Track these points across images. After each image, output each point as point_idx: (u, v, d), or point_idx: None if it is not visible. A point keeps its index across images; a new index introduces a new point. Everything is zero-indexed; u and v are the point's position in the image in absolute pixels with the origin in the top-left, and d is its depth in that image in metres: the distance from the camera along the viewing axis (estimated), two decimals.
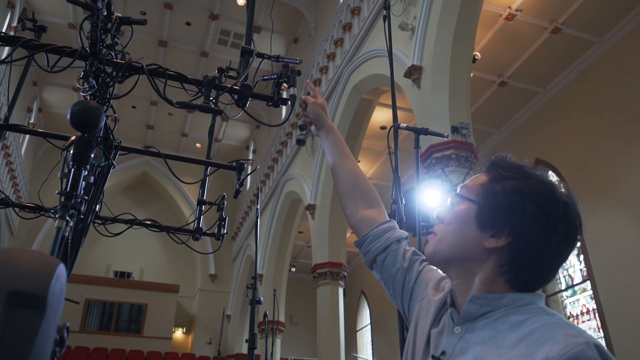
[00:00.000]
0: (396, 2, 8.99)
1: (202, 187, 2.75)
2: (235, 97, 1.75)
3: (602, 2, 9.56)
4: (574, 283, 10.76)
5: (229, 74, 3.44)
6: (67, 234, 1.39)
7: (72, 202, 1.39)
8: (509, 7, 9.75)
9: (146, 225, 2.51)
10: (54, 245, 1.32)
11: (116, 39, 1.63)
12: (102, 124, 1.52)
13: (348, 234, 13.68)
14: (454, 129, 7.64)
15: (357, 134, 11.38)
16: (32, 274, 0.92)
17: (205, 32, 16.16)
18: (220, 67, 3.44)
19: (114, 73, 1.61)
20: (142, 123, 19.57)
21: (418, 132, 2.26)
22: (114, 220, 2.37)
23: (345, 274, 11.51)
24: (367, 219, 1.34)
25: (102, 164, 1.83)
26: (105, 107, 1.73)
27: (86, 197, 1.44)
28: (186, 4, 15.33)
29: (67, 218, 1.37)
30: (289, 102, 1.72)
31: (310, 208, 12.37)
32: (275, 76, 1.81)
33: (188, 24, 15.88)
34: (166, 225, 2.54)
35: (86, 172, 1.48)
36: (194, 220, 2.62)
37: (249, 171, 17.36)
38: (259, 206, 4.29)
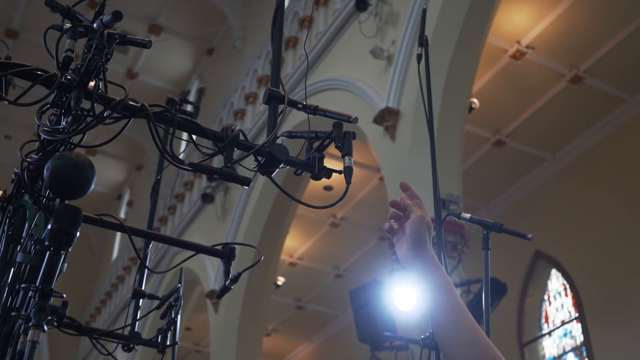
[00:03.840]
0: (368, 18, 9.37)
1: (141, 270, 2.73)
2: (261, 160, 1.79)
3: (637, 52, 10.36)
4: None
5: (181, 107, 3.48)
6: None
7: (50, 302, 1.38)
8: (518, 42, 10.36)
9: (58, 326, 2.44)
10: None
11: (107, 65, 1.65)
12: (92, 187, 1.53)
13: (264, 338, 13.54)
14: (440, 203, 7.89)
15: (293, 194, 11.50)
16: None
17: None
18: (170, 97, 3.48)
19: (104, 113, 1.62)
20: None
21: (489, 228, 2.36)
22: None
23: None
24: None
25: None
26: None
27: (64, 295, 1.43)
28: None
29: (45, 327, 1.35)
30: (345, 177, 1.78)
31: (213, 296, 12.21)
32: (314, 135, 1.87)
33: None
34: (89, 327, 2.48)
35: (64, 256, 1.47)
36: (129, 325, 2.58)
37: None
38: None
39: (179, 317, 2.61)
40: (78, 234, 1.48)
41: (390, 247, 7.91)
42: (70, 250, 1.47)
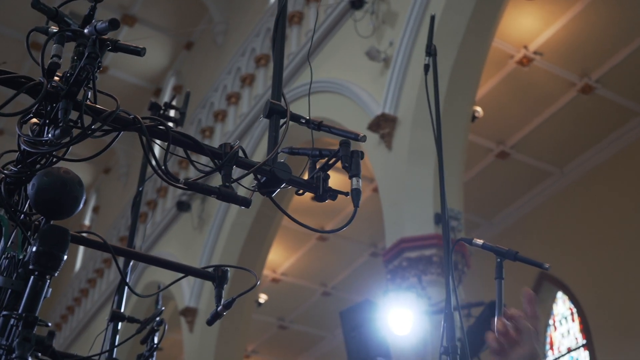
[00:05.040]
0: (364, 16, 9.39)
1: (121, 290, 2.73)
2: (262, 179, 1.80)
3: None
4: None
5: (165, 112, 3.50)
6: None
7: (34, 333, 1.39)
8: (525, 47, 10.41)
9: (37, 355, 2.44)
10: None
11: (96, 74, 1.65)
12: (81, 207, 1.53)
13: None
14: (439, 219, 7.92)
15: (279, 203, 11.48)
16: None
17: None
18: (154, 101, 3.49)
19: (93, 126, 1.62)
20: None
21: (503, 255, 2.37)
22: None
23: None
24: None
25: (23, 256, 1.80)
26: None
27: (49, 324, 1.44)
28: None
29: (29, 359, 1.36)
30: (353, 200, 1.80)
31: (188, 314, 12.20)
32: (318, 153, 1.89)
33: None
34: (63, 352, 2.48)
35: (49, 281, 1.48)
36: (105, 352, 2.58)
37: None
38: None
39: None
40: (65, 257, 1.49)
41: (386, 266, 7.93)
42: (56, 274, 1.48)
